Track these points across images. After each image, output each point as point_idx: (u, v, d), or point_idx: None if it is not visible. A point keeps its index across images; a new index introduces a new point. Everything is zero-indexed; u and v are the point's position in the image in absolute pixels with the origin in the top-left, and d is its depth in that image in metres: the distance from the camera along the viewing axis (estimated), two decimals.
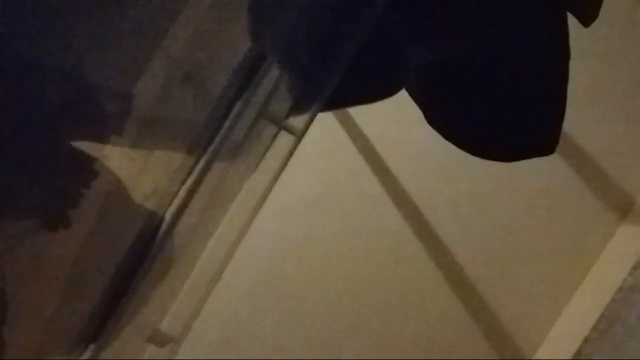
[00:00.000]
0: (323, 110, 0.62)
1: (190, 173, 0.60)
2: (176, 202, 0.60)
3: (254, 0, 0.61)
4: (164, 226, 0.60)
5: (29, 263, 0.58)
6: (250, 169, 0.60)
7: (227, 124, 0.60)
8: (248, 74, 0.60)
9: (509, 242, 1.48)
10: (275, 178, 0.61)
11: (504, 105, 0.78)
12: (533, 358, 1.50)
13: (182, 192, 0.60)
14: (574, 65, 0.76)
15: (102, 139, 0.58)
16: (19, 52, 0.51)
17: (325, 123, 1.36)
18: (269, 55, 0.60)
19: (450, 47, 0.74)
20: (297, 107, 0.61)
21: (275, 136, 0.61)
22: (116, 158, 0.58)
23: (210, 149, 0.60)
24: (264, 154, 0.60)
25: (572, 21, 0.75)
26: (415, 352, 1.45)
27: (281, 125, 0.61)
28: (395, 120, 1.38)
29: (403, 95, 0.78)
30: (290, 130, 0.61)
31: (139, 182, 0.60)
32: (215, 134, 0.60)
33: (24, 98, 0.52)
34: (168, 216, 0.60)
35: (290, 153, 0.61)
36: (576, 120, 1.43)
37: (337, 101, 0.67)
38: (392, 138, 1.42)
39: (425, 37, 0.72)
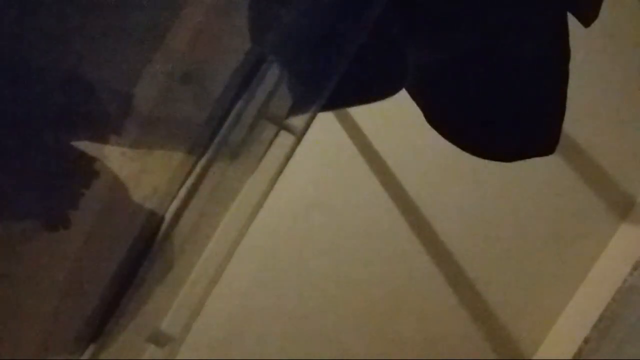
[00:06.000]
0: (323, 110, 0.62)
1: (190, 173, 0.60)
2: (176, 202, 0.60)
3: (254, 0, 0.61)
4: (164, 226, 0.60)
5: (29, 263, 0.58)
6: (250, 169, 0.60)
7: (227, 124, 0.60)
8: (248, 74, 0.60)
9: (509, 242, 1.48)
10: (275, 178, 0.61)
11: (504, 106, 0.78)
12: (533, 358, 1.50)
13: (182, 192, 0.60)
14: (574, 65, 0.76)
15: (102, 139, 0.58)
16: (18, 52, 0.51)
17: (325, 123, 1.36)
18: (269, 55, 0.60)
19: (450, 47, 0.74)
20: (297, 107, 0.61)
21: (275, 136, 0.61)
22: (116, 158, 0.58)
23: (210, 149, 0.60)
24: (264, 154, 0.60)
25: (572, 21, 0.75)
26: (415, 352, 1.45)
27: (281, 125, 0.61)
28: (395, 120, 1.38)
29: (403, 95, 0.78)
30: (290, 130, 0.61)
31: (139, 182, 0.60)
32: (215, 134, 0.60)
33: (24, 98, 0.52)
34: (168, 216, 0.60)
35: (290, 153, 0.61)
36: (576, 120, 1.43)
37: (337, 101, 0.67)
38: (392, 138, 1.42)
39: (426, 37, 0.72)
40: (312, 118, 0.61)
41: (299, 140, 0.61)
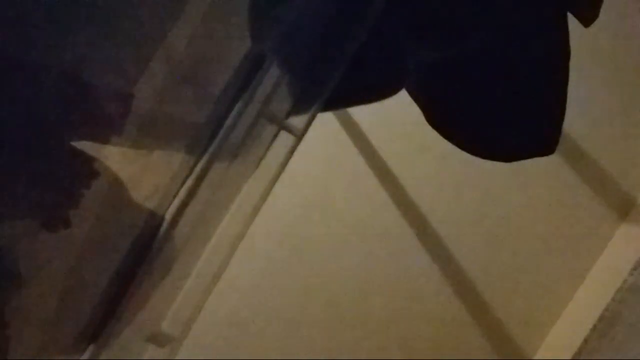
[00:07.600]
0: (323, 110, 0.62)
1: (190, 173, 0.60)
2: (176, 202, 0.60)
3: (254, 0, 0.61)
4: (164, 226, 0.60)
5: (29, 263, 0.58)
6: (250, 169, 0.60)
7: (227, 124, 0.60)
8: (248, 74, 0.60)
9: (509, 242, 1.48)
10: (275, 178, 0.61)
11: (504, 105, 0.78)
12: (533, 358, 1.50)
13: (182, 192, 0.60)
14: (574, 65, 0.76)
15: (102, 139, 0.58)
16: (19, 52, 0.51)
17: (325, 123, 1.36)
18: (269, 55, 0.60)
19: (450, 46, 0.74)
20: (297, 107, 0.61)
21: (275, 136, 0.61)
22: (116, 158, 0.58)
23: (210, 149, 0.60)
24: (264, 154, 0.60)
25: (572, 21, 0.75)
26: (415, 352, 1.45)
27: (281, 125, 0.61)
28: (395, 120, 1.38)
29: (403, 95, 0.78)
30: (290, 130, 0.61)
31: (139, 182, 0.60)
32: (215, 134, 0.60)
33: (24, 98, 0.52)
34: (168, 216, 0.60)
35: (290, 153, 0.61)
36: (576, 120, 1.43)
37: (338, 101, 0.67)
38: (392, 138, 1.42)
39: (426, 37, 0.72)
40: (312, 118, 0.61)
41: (299, 140, 0.61)
